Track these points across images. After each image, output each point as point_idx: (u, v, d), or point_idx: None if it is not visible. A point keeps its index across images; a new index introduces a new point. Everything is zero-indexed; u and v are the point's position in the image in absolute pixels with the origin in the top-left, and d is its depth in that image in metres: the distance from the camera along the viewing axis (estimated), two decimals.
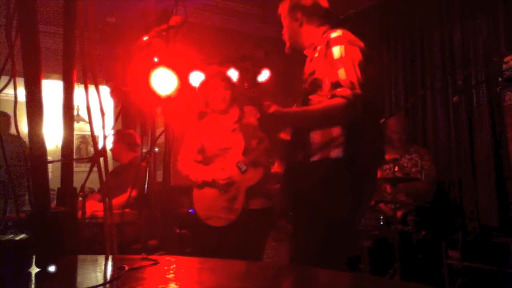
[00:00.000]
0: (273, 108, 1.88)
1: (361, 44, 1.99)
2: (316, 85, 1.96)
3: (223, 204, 2.76)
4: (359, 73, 1.87)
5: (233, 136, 2.84)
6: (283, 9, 2.19)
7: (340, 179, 1.87)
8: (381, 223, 3.44)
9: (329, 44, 1.94)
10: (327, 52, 1.93)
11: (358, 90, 1.83)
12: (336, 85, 1.86)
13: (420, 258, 3.28)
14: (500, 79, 3.11)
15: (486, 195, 3.69)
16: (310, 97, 1.98)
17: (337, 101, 1.84)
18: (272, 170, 2.70)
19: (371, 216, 3.51)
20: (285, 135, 2.14)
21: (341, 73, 1.86)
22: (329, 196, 1.86)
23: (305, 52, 2.18)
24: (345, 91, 1.83)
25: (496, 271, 2.80)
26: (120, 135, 3.88)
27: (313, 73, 2.00)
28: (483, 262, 2.88)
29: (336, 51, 1.91)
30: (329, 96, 1.88)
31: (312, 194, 1.89)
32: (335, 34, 1.97)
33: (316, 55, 2.03)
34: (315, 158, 1.93)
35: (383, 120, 3.86)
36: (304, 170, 1.96)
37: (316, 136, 1.94)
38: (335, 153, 1.89)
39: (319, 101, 1.94)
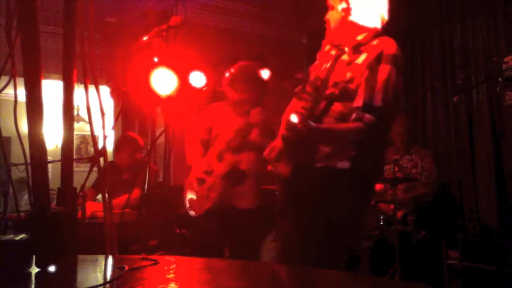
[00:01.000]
0: (313, 125, 1.76)
1: (403, 65, 1.91)
2: (347, 94, 1.84)
3: (201, 193, 2.77)
4: (392, 101, 1.83)
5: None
6: None
7: (342, 182, 1.85)
8: (381, 223, 3.44)
9: (381, 58, 1.83)
10: (376, 67, 1.82)
11: (384, 119, 1.80)
12: (367, 108, 1.79)
13: (420, 258, 3.28)
14: (500, 79, 3.11)
15: (486, 195, 3.69)
16: (337, 103, 1.87)
17: (360, 126, 1.79)
18: (275, 170, 2.67)
19: (371, 216, 3.51)
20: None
21: (378, 98, 1.79)
22: (330, 197, 1.84)
23: (346, 50, 1.98)
24: (371, 119, 1.78)
25: (496, 271, 2.80)
26: (125, 142, 3.85)
27: (350, 81, 1.85)
28: (483, 262, 2.88)
29: (385, 71, 1.82)
30: (355, 116, 1.80)
31: (313, 195, 1.88)
32: (390, 50, 1.86)
33: (360, 62, 1.88)
34: (320, 165, 1.89)
35: None
36: (306, 171, 1.93)
37: (325, 146, 1.89)
38: (342, 164, 1.85)
39: (340, 111, 1.85)
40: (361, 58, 1.88)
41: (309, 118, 1.79)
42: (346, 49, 1.97)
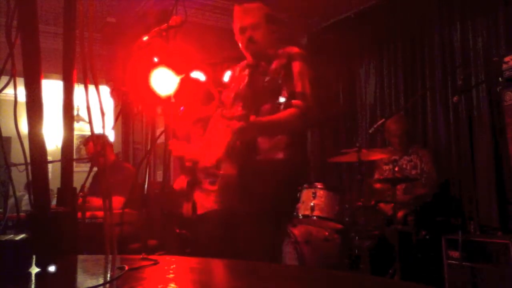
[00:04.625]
0: (252, 118, 2.01)
1: (309, 59, 2.25)
2: (273, 93, 2.13)
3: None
4: (311, 88, 2.14)
5: None
6: (258, 16, 2.29)
7: (283, 176, 2.13)
8: (381, 223, 3.44)
9: (291, 58, 2.18)
10: (289, 65, 2.16)
11: (310, 102, 2.10)
12: (292, 96, 2.10)
13: (420, 258, 3.28)
14: (500, 79, 3.11)
15: (486, 195, 3.69)
16: (265, 105, 2.15)
17: (292, 111, 2.08)
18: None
19: (371, 216, 3.51)
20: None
21: (298, 86, 2.12)
22: (275, 191, 2.07)
23: (261, 63, 2.28)
24: (299, 102, 2.07)
25: (496, 271, 2.80)
26: (96, 140, 3.87)
27: (270, 82, 2.17)
28: (483, 262, 2.88)
29: (297, 65, 2.16)
30: (284, 105, 2.09)
31: (259, 189, 2.07)
32: (296, 50, 2.21)
33: (274, 67, 2.20)
34: (260, 158, 2.14)
35: (383, 120, 3.86)
36: (251, 168, 2.15)
37: (263, 142, 2.15)
38: (280, 155, 2.14)
39: (268, 109, 2.12)
40: (275, 63, 2.20)
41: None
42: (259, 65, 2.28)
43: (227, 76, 2.74)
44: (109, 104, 5.85)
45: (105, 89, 5.42)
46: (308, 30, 5.57)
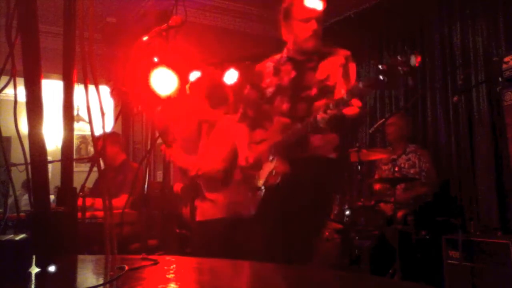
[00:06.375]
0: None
1: None
2: (328, 91, 2.15)
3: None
4: None
5: None
6: (321, 11, 2.27)
7: (331, 175, 2.20)
8: (381, 223, 3.44)
9: (349, 59, 2.22)
10: (347, 66, 2.19)
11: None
12: (351, 96, 2.08)
13: (420, 258, 3.28)
14: (500, 79, 3.11)
15: (486, 195, 3.69)
16: (319, 101, 2.12)
17: (358, 110, 2.04)
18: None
19: (371, 216, 3.51)
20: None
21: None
22: (326, 190, 2.14)
23: (305, 58, 2.25)
24: (360, 103, 2.04)
25: (496, 271, 2.80)
26: (111, 137, 3.82)
27: (326, 79, 2.17)
28: (483, 262, 2.88)
29: (354, 68, 2.21)
30: (345, 103, 2.02)
31: (309, 188, 2.05)
32: (348, 53, 2.23)
33: (330, 64, 2.20)
34: (306, 155, 2.13)
35: (383, 120, 3.86)
36: (300, 165, 2.12)
37: (315, 140, 2.14)
38: (332, 154, 2.17)
39: (326, 103, 2.05)
40: (329, 61, 2.22)
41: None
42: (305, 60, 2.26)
43: (259, 74, 2.54)
44: (109, 104, 5.85)
45: (105, 89, 5.41)
46: None
